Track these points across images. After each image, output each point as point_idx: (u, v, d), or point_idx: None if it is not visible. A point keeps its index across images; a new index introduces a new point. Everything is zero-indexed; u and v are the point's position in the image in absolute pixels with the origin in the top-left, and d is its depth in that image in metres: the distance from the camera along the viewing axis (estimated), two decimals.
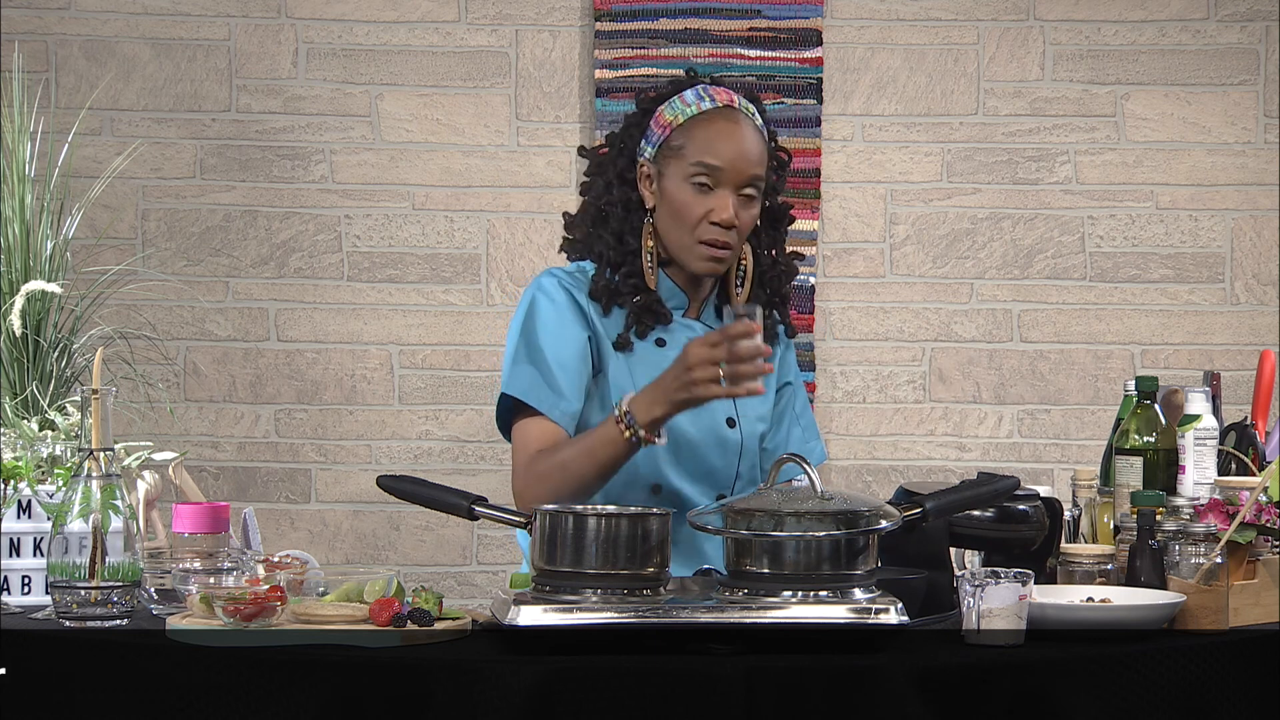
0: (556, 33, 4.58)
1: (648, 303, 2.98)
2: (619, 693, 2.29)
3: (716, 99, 2.98)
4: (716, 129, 2.95)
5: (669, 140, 2.96)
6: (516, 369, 2.94)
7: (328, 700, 2.29)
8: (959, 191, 4.63)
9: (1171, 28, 4.63)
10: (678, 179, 2.95)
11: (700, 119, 2.96)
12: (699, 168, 2.94)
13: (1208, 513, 2.68)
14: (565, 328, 2.95)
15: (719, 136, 2.95)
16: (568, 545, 2.44)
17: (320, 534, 4.54)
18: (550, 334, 2.94)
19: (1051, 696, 2.37)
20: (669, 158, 2.96)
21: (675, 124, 2.96)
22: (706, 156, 2.94)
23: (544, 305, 2.97)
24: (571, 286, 2.99)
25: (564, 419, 2.91)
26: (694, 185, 2.94)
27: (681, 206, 2.95)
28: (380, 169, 4.56)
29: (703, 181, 2.94)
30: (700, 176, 2.94)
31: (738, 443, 3.01)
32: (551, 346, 2.93)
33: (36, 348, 2.90)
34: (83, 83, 4.47)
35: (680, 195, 2.95)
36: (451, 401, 4.57)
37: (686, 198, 2.95)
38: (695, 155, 2.94)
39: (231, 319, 4.54)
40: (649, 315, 2.98)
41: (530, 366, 2.92)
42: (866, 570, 2.47)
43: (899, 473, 4.58)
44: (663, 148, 2.97)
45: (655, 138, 2.98)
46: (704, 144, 2.94)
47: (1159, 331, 4.63)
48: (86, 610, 2.48)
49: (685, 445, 2.96)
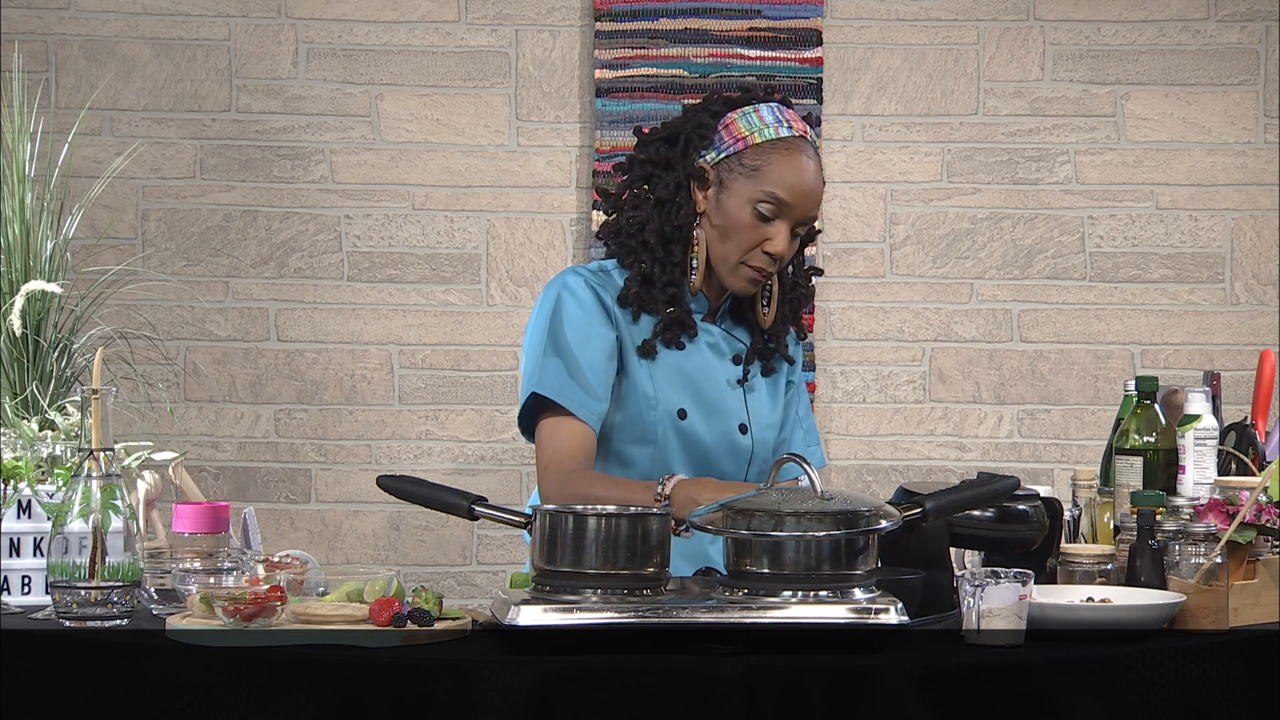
0: (556, 33, 4.58)
1: (680, 315, 2.96)
2: (619, 693, 2.29)
3: (794, 127, 2.95)
4: (794, 163, 2.92)
5: (742, 156, 2.93)
6: (545, 366, 2.91)
7: (328, 700, 2.29)
8: (959, 191, 4.63)
9: (1171, 28, 4.63)
10: (742, 198, 2.92)
11: (780, 146, 2.93)
12: (769, 197, 2.91)
13: (1208, 513, 2.68)
14: (593, 327, 2.94)
15: (795, 171, 2.92)
16: (568, 545, 2.44)
17: (320, 534, 4.54)
18: (579, 333, 2.92)
19: (1051, 696, 2.37)
20: (738, 174, 2.93)
21: (752, 141, 2.93)
22: (779, 190, 2.91)
23: (570, 304, 2.94)
24: (597, 286, 2.97)
25: (592, 418, 2.90)
26: (757, 211, 2.92)
27: (741, 227, 2.93)
28: (380, 169, 4.56)
29: (768, 211, 2.92)
30: (767, 205, 2.91)
31: (749, 449, 3.02)
32: (580, 345, 2.91)
33: (36, 348, 2.90)
34: (83, 83, 4.47)
35: (740, 216, 2.93)
36: (451, 401, 4.57)
37: (747, 219, 2.92)
38: (768, 184, 2.91)
39: (231, 319, 4.54)
40: (678, 326, 2.97)
41: (559, 363, 2.90)
42: (866, 570, 2.47)
43: (899, 473, 4.58)
44: (732, 160, 2.94)
45: (726, 147, 2.94)
46: (779, 174, 2.91)
47: (1159, 331, 4.63)
48: (86, 610, 2.48)
49: (700, 451, 2.97)
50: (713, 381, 3.00)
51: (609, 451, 2.96)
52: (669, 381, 2.93)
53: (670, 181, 2.96)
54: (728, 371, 3.03)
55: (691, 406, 2.96)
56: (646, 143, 3.02)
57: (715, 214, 2.95)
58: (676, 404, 2.95)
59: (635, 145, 3.05)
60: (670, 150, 2.97)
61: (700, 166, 2.95)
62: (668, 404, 2.94)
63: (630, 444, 2.95)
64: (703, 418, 2.95)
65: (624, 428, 2.95)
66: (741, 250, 2.94)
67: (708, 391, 2.98)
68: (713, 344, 3.02)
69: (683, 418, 2.95)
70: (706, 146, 2.96)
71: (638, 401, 2.93)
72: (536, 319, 2.98)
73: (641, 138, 3.04)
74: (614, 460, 2.97)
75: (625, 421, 2.95)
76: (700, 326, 3.01)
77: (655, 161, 2.98)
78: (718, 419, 2.97)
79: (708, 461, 2.97)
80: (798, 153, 2.93)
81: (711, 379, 3.00)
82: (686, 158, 2.96)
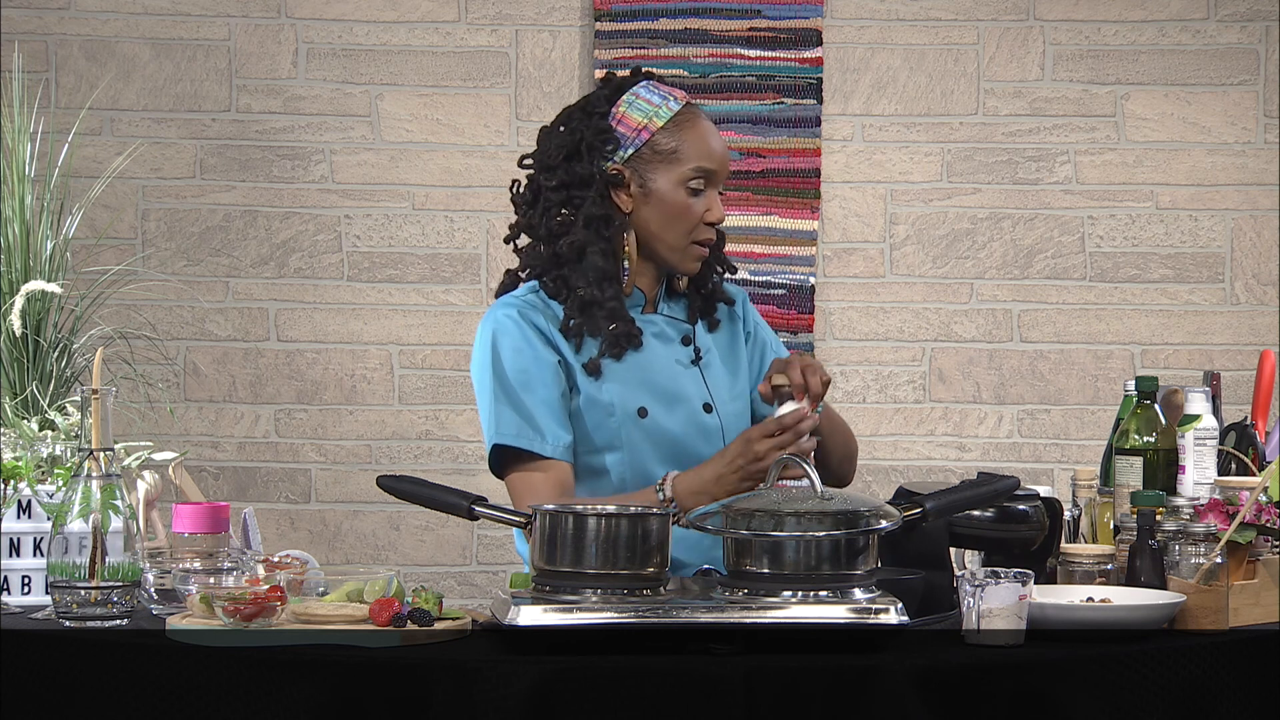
0: (556, 33, 4.58)
1: (624, 329, 2.93)
2: (619, 693, 2.29)
3: (677, 96, 2.96)
4: (703, 129, 2.95)
5: (653, 145, 2.93)
6: (500, 415, 2.88)
7: (328, 700, 2.29)
8: (959, 191, 4.63)
9: (1171, 28, 4.63)
10: (672, 182, 2.93)
11: (682, 121, 2.94)
12: (698, 172, 2.93)
13: (1208, 513, 2.68)
14: (534, 360, 2.90)
15: (706, 138, 2.94)
16: (568, 545, 2.44)
17: (320, 534, 4.54)
18: (521, 371, 2.89)
19: (1051, 696, 2.37)
20: (655, 163, 2.93)
21: (653, 127, 2.93)
22: (704, 161, 2.93)
23: (505, 343, 2.90)
24: (529, 314, 2.93)
25: (560, 451, 2.88)
26: (689, 189, 2.93)
27: (681, 210, 2.93)
28: (380, 169, 4.56)
29: (699, 185, 2.93)
30: (697, 180, 2.93)
31: (718, 426, 3.00)
32: (525, 385, 2.88)
33: (36, 348, 2.90)
34: (83, 83, 4.47)
35: (676, 198, 2.93)
36: (451, 401, 4.57)
37: (683, 200, 2.93)
38: (691, 160, 2.92)
39: (231, 319, 4.54)
40: (624, 339, 2.93)
41: (510, 410, 2.87)
42: (866, 570, 2.47)
43: (899, 473, 4.58)
44: (644, 152, 2.93)
45: (630, 141, 2.93)
46: (696, 148, 2.93)
47: (1159, 331, 4.63)
48: (86, 610, 2.48)
49: (668, 443, 2.95)
50: (666, 371, 2.98)
51: (579, 466, 2.93)
52: (622, 385, 2.91)
53: (593, 196, 2.93)
54: (679, 354, 3.01)
55: (650, 402, 2.94)
56: (548, 167, 2.96)
57: (648, 208, 2.94)
58: (635, 404, 2.93)
59: (534, 170, 2.99)
60: (578, 165, 2.94)
61: (614, 170, 2.94)
62: (625, 407, 2.92)
63: (597, 454, 2.93)
64: (664, 410, 2.94)
65: (588, 440, 2.93)
66: (687, 231, 2.94)
67: (663, 383, 2.97)
68: (658, 333, 3.00)
69: (643, 415, 2.93)
70: (612, 148, 2.94)
71: (596, 413, 2.91)
72: (478, 364, 2.94)
73: (540, 161, 2.98)
74: (585, 472, 2.94)
75: (587, 434, 2.92)
76: (641, 321, 2.99)
77: (570, 183, 2.94)
78: (680, 406, 2.96)
79: (680, 449, 2.95)
80: (698, 120, 2.96)
81: (665, 369, 2.98)
82: (595, 166, 2.93)
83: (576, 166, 2.94)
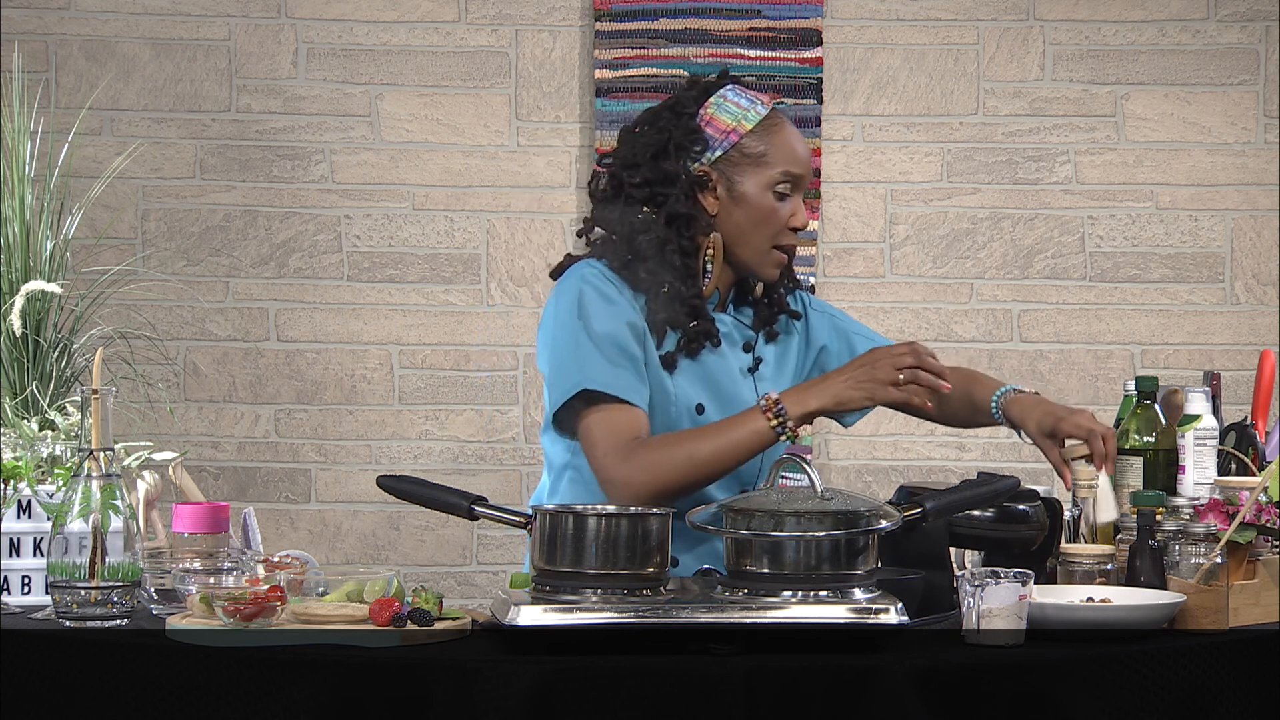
0: (556, 33, 4.58)
1: (704, 327, 2.95)
2: (619, 693, 2.29)
3: (764, 101, 2.97)
4: (789, 134, 2.95)
5: (742, 146, 2.93)
6: (589, 361, 2.86)
7: (328, 700, 2.29)
8: (959, 191, 4.63)
9: (1171, 28, 4.63)
10: (759, 186, 2.93)
11: (770, 125, 2.94)
12: (785, 176, 2.93)
13: (1208, 513, 2.68)
14: (621, 314, 2.89)
15: (792, 143, 2.95)
16: (568, 545, 2.44)
17: (320, 534, 4.54)
18: (609, 322, 2.88)
19: (1051, 696, 2.37)
20: (745, 165, 2.93)
21: (742, 130, 2.93)
22: (791, 165, 2.93)
23: (595, 297, 2.89)
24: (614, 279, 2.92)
25: (642, 402, 2.87)
26: (776, 193, 2.93)
27: (768, 214, 2.93)
28: (380, 169, 4.56)
29: (785, 189, 2.93)
30: (784, 184, 2.93)
31: None
32: (616, 339, 2.87)
33: (36, 348, 2.90)
34: (83, 83, 4.47)
35: (763, 202, 2.93)
36: (451, 401, 4.57)
37: (770, 204, 2.93)
38: (781, 163, 2.92)
39: (231, 319, 4.54)
40: (703, 337, 2.95)
41: (600, 357, 2.86)
42: (866, 570, 2.47)
43: (899, 473, 4.58)
44: (733, 155, 2.93)
45: (718, 144, 2.93)
46: (783, 152, 2.93)
47: (1159, 331, 4.63)
48: (86, 610, 2.48)
49: None
50: (728, 374, 2.99)
51: None
52: (687, 379, 2.93)
53: (677, 195, 2.93)
54: (740, 360, 3.02)
55: (708, 400, 2.95)
56: (632, 164, 2.96)
57: (735, 211, 2.94)
58: (694, 399, 2.94)
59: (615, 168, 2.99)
60: (665, 163, 2.94)
61: (700, 171, 2.94)
62: (686, 400, 2.93)
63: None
64: (718, 411, 2.95)
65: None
66: (772, 235, 2.94)
67: (724, 385, 2.98)
68: (726, 334, 3.01)
69: (700, 412, 2.95)
70: (700, 149, 2.94)
71: (658, 397, 2.92)
72: (559, 314, 2.92)
73: (624, 158, 2.98)
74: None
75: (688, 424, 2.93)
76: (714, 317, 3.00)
77: (654, 180, 2.94)
78: (732, 410, 2.96)
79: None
80: (785, 124, 2.97)
81: (727, 372, 2.99)
82: (682, 166, 2.94)
83: (664, 164, 2.94)
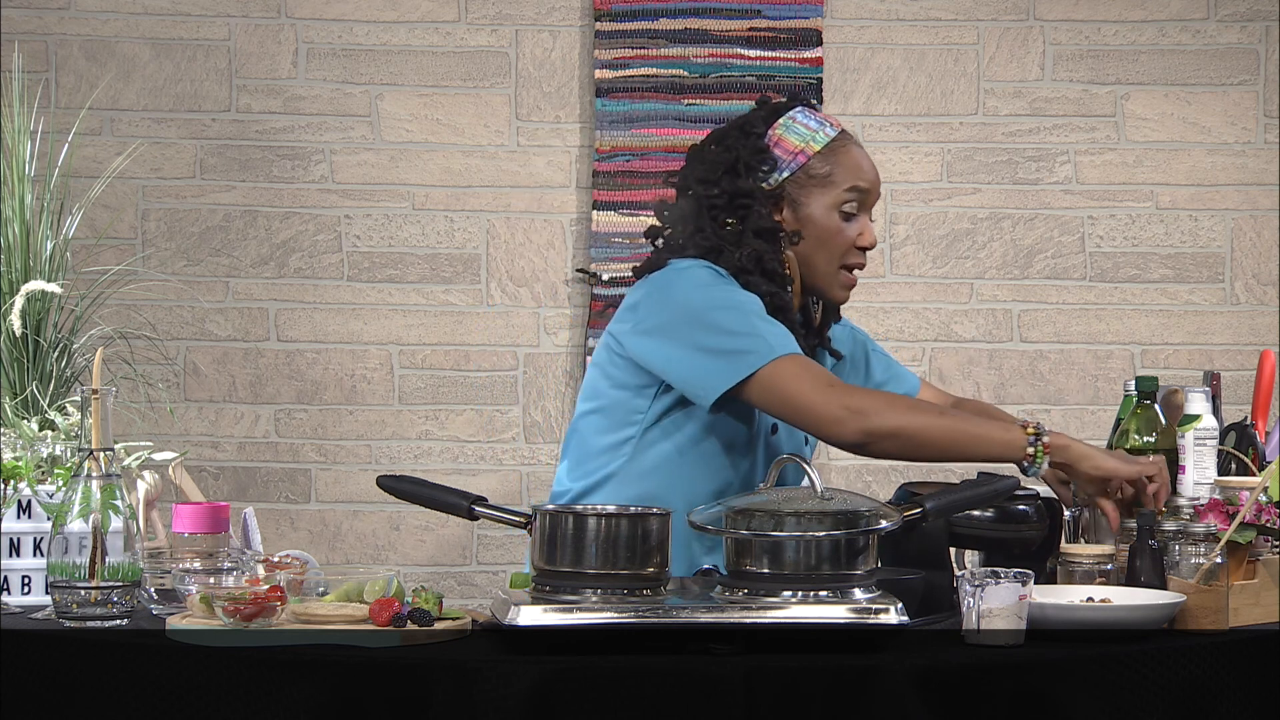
0: (556, 33, 4.58)
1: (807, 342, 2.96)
2: (619, 693, 2.29)
3: (834, 124, 2.98)
4: (857, 155, 2.96)
5: (809, 167, 2.93)
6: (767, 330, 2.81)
7: (328, 700, 2.29)
8: (959, 191, 4.63)
9: (1171, 28, 4.63)
10: (825, 206, 2.93)
11: (839, 145, 2.95)
12: (853, 194, 2.93)
13: (1208, 513, 2.68)
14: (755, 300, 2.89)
15: (859, 162, 2.95)
16: (568, 545, 2.44)
17: (320, 534, 4.54)
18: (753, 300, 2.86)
19: (1051, 696, 2.37)
20: (811, 187, 2.93)
21: (810, 151, 2.93)
22: (858, 180, 2.94)
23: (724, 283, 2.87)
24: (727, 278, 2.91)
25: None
26: (843, 213, 2.94)
27: (834, 234, 2.94)
28: (380, 169, 4.56)
29: (852, 208, 2.94)
30: (851, 203, 2.94)
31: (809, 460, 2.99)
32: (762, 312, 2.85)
33: (36, 348, 2.90)
34: (83, 83, 4.47)
35: (830, 223, 2.94)
36: (451, 401, 4.57)
37: (836, 224, 2.94)
38: (848, 181, 2.93)
39: (231, 319, 4.54)
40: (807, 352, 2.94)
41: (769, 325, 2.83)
42: (866, 570, 2.47)
43: (899, 473, 4.58)
44: (800, 176, 2.93)
45: (786, 164, 2.93)
46: (853, 170, 2.94)
47: (1159, 331, 4.63)
48: (86, 610, 2.48)
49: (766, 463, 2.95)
50: None
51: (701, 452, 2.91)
52: None
53: (761, 210, 2.93)
54: None
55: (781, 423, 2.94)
56: (707, 180, 2.95)
57: (802, 231, 2.95)
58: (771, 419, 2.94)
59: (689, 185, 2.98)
60: (738, 180, 2.93)
61: (771, 189, 2.94)
62: (765, 418, 2.93)
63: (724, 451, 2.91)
64: (786, 435, 2.96)
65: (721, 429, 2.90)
66: (840, 255, 2.95)
67: None
68: None
69: (774, 433, 2.95)
70: (768, 169, 2.94)
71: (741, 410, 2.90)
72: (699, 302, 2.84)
73: (699, 175, 2.97)
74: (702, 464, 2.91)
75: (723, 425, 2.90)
76: None
77: (735, 193, 2.94)
78: (794, 437, 2.97)
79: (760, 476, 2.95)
80: (852, 146, 2.97)
81: None
82: (753, 183, 2.94)
83: (738, 182, 2.94)
